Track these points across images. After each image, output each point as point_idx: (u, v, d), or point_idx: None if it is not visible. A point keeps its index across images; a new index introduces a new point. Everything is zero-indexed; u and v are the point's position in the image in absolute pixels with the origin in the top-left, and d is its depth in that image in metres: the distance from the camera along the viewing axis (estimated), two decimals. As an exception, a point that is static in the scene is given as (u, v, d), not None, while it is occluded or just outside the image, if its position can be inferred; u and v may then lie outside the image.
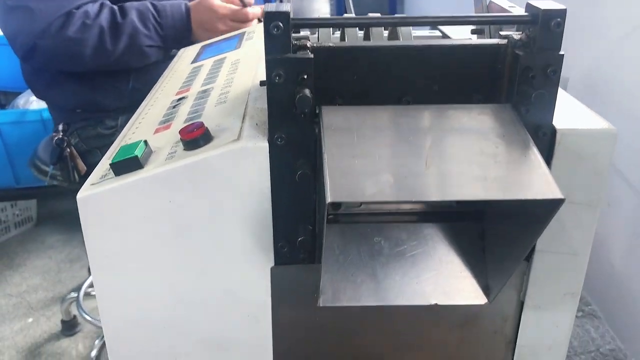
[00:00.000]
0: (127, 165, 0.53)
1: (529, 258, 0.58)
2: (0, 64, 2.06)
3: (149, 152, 0.55)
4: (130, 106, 0.86)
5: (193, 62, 0.88)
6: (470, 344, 0.63)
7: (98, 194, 0.53)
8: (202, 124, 0.54)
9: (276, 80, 0.49)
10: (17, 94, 2.09)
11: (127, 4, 1.26)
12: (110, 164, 0.54)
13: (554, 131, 0.53)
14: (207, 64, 0.82)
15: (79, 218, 0.54)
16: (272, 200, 0.54)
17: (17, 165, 1.91)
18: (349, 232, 0.59)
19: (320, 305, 0.56)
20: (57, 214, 2.55)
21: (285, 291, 0.59)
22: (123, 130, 0.66)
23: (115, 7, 1.25)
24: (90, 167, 1.48)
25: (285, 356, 0.61)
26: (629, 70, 1.01)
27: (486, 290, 0.58)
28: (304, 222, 0.55)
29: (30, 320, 1.98)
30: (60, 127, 1.44)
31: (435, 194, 0.42)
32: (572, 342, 0.81)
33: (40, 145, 1.65)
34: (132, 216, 0.53)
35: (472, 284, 0.57)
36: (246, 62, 0.74)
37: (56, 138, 1.42)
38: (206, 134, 0.54)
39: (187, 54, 0.98)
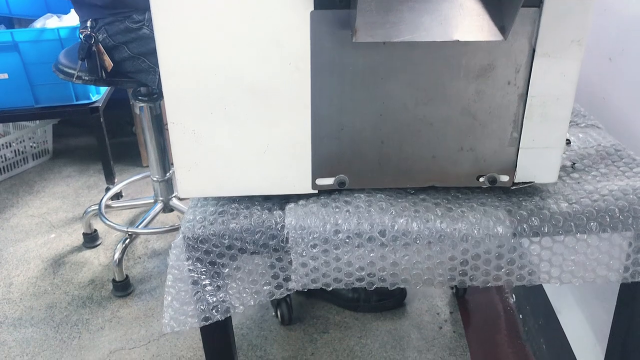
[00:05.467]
0: None
1: (539, 4, 0.66)
2: (15, -9, 2.11)
3: None
4: None
5: None
6: (486, 95, 0.70)
7: None
8: None
9: None
10: (31, 20, 2.14)
11: None
12: None
13: None
14: None
15: (93, 152, 0.60)
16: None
17: (36, 85, 1.97)
18: (379, -16, 0.66)
19: (356, 41, 0.63)
20: (72, 149, 2.62)
21: (324, 37, 0.66)
22: None
23: None
24: (117, 64, 1.54)
25: (321, 103, 0.69)
26: None
27: (502, 31, 0.65)
28: (341, -36, 0.62)
29: (52, 235, 2.05)
30: (88, 23, 1.50)
31: None
32: (576, 142, 0.89)
33: (62, 53, 1.72)
34: (189, -46, 0.60)
35: (489, 24, 0.65)
36: None
37: (84, 34, 1.48)
38: None
39: None
